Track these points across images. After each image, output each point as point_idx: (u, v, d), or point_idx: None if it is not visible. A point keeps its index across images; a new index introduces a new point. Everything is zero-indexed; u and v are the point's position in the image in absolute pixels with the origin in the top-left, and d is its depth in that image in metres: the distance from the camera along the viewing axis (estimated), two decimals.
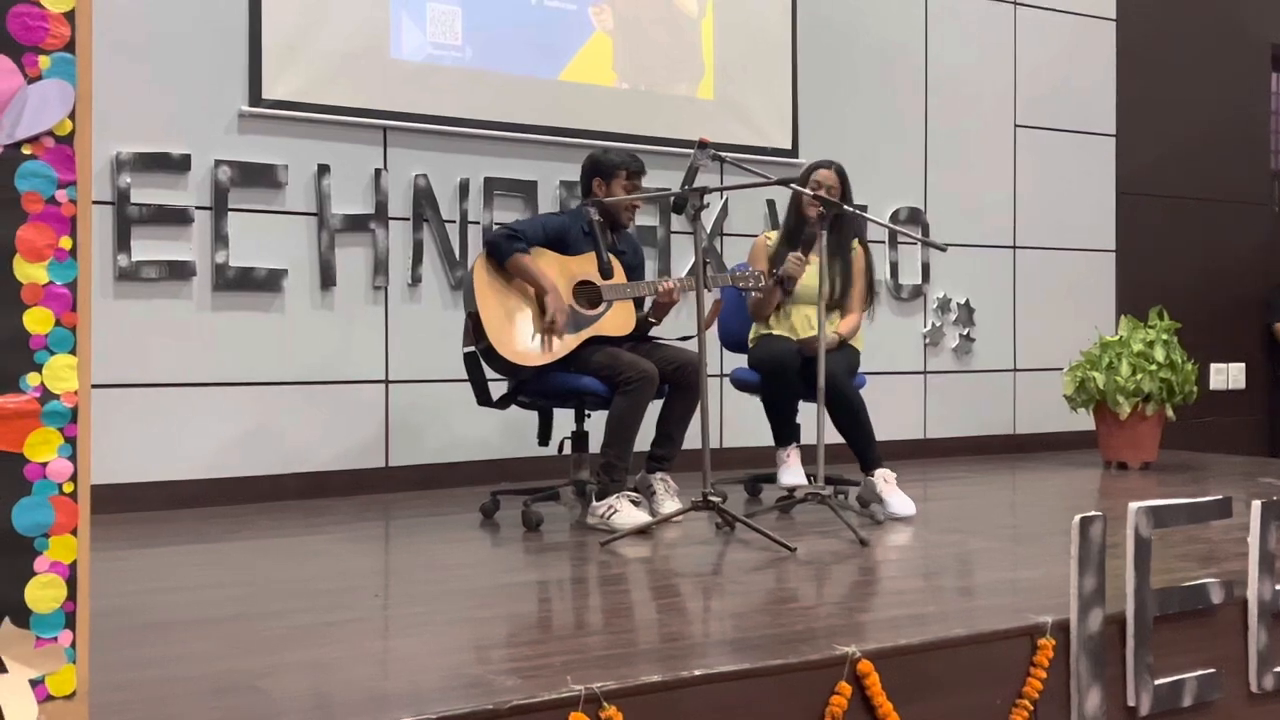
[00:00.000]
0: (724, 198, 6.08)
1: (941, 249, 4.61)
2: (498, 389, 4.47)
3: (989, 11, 6.99)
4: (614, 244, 4.56)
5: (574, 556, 3.85)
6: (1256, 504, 3.12)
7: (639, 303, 4.56)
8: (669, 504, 4.29)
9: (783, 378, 4.51)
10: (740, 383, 4.91)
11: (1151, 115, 7.51)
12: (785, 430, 4.65)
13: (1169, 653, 2.88)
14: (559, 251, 4.40)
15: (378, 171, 5.27)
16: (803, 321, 4.62)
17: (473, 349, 4.36)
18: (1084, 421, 6.43)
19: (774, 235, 4.88)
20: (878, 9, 6.64)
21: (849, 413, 4.48)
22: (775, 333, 4.67)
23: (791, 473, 4.58)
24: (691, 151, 4.04)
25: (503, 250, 4.31)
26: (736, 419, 5.87)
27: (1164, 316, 6.27)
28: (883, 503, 4.43)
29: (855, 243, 4.81)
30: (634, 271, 4.61)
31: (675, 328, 4.81)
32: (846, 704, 2.42)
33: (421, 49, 5.38)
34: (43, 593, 1.83)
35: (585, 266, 4.41)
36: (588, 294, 4.40)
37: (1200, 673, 2.93)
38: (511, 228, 4.41)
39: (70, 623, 1.85)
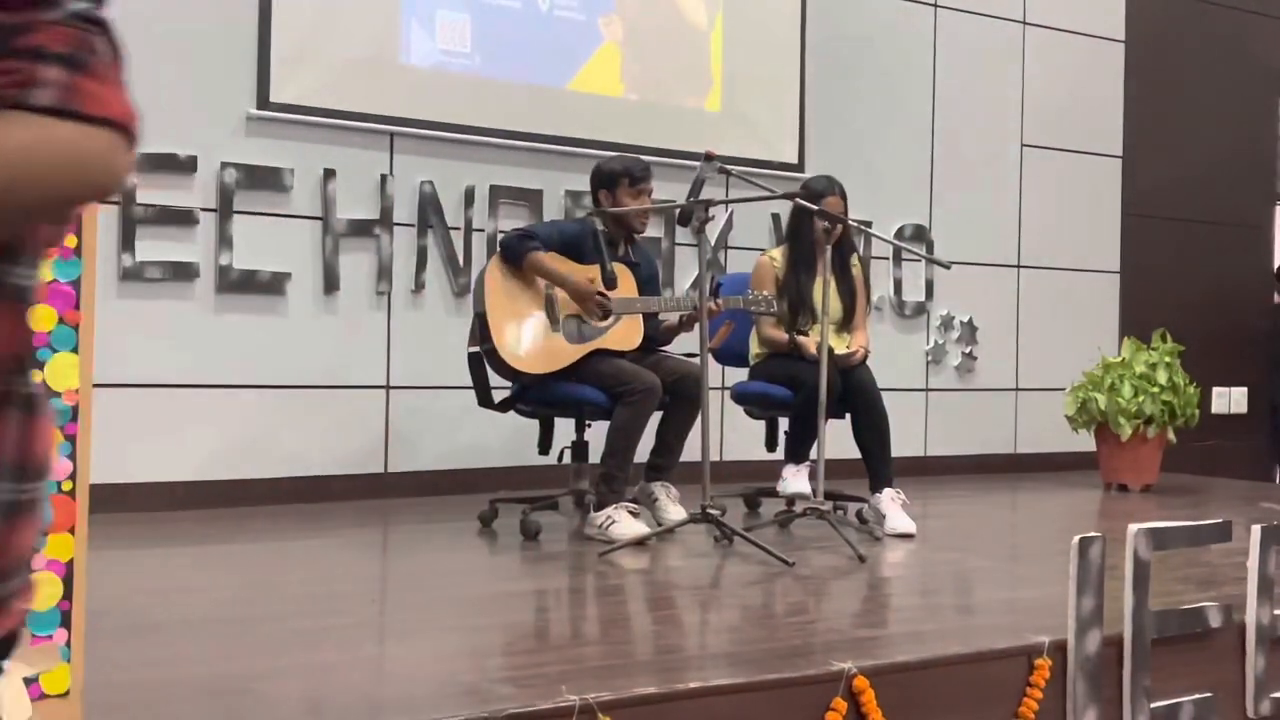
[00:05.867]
0: (729, 211, 6.08)
1: (946, 266, 4.61)
2: (501, 393, 4.46)
3: (998, 30, 7.00)
4: (627, 255, 4.56)
5: (571, 566, 3.85)
6: (1256, 528, 3.12)
7: (649, 315, 4.54)
8: (672, 509, 4.29)
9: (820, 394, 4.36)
10: (751, 396, 4.84)
11: (1158, 138, 7.52)
12: (805, 448, 4.60)
13: (1166, 676, 2.87)
14: (572, 259, 4.39)
15: (383, 177, 5.27)
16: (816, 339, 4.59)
17: (477, 349, 4.35)
18: (1085, 442, 6.42)
19: (777, 254, 4.85)
20: (887, 25, 6.65)
21: (879, 429, 4.48)
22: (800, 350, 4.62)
23: (796, 483, 4.54)
24: (698, 164, 4.04)
25: (517, 249, 4.30)
26: (735, 432, 5.86)
27: (1167, 339, 6.27)
28: (883, 519, 4.42)
29: (855, 258, 4.82)
30: (648, 284, 4.59)
31: (679, 344, 4.79)
32: None
33: (430, 55, 5.39)
34: (38, 591, 1.82)
35: (595, 276, 4.40)
36: (598, 304, 4.39)
37: (1197, 696, 2.93)
38: (526, 230, 4.41)
39: (65, 621, 1.85)
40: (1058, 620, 2.79)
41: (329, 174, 5.14)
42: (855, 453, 4.55)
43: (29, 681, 1.82)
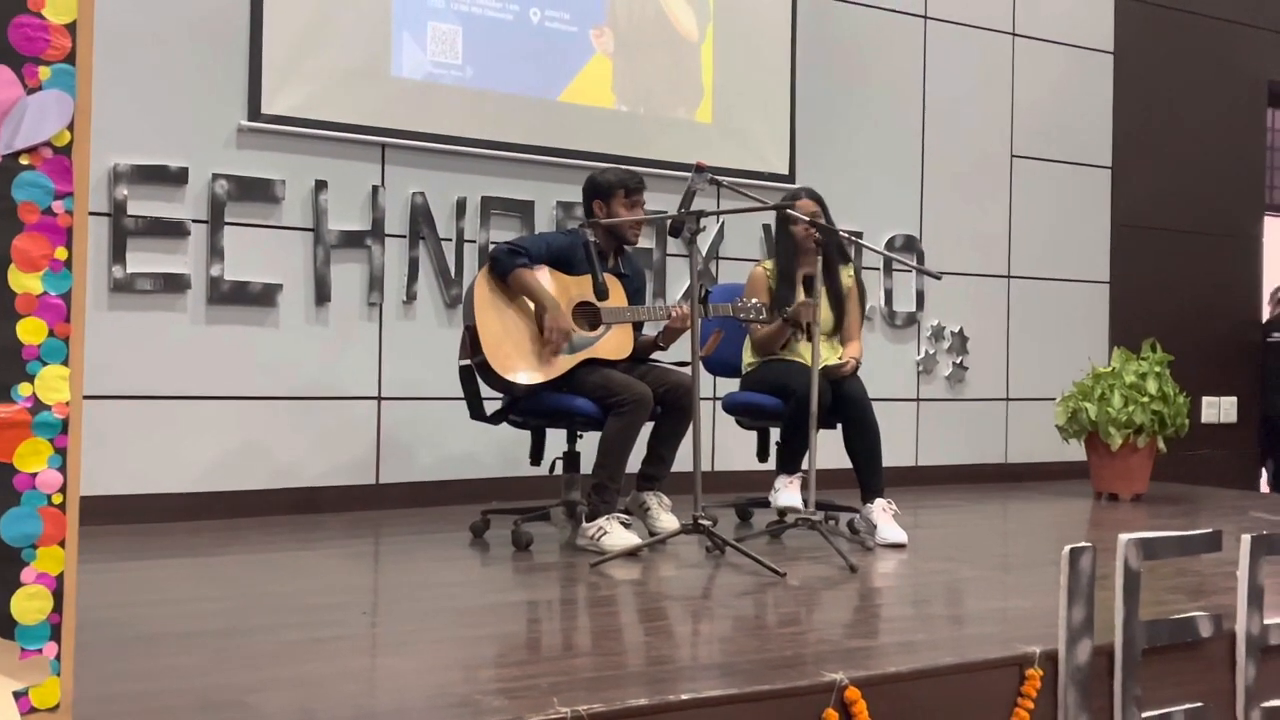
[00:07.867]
0: (720, 222, 6.09)
1: (936, 277, 4.62)
2: (492, 404, 4.46)
3: (988, 42, 7.03)
4: (617, 265, 4.56)
5: (563, 577, 3.84)
6: (1246, 538, 3.13)
7: (639, 326, 4.55)
8: (664, 517, 4.29)
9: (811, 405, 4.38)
10: (742, 407, 4.84)
11: (1147, 148, 7.55)
12: (798, 458, 4.58)
13: (1157, 685, 2.88)
14: (562, 271, 4.40)
15: (375, 188, 5.28)
16: (809, 349, 4.59)
17: (468, 362, 4.35)
18: (1075, 452, 6.43)
19: (770, 264, 4.85)
20: (877, 36, 6.67)
21: (869, 439, 4.48)
22: (788, 359, 4.65)
23: (788, 496, 4.55)
24: (689, 175, 4.05)
25: (505, 265, 4.31)
26: (725, 442, 5.87)
27: (1157, 349, 6.29)
28: (874, 529, 4.42)
29: (849, 269, 4.82)
30: (635, 294, 4.60)
31: (671, 353, 4.80)
32: None
33: (421, 67, 5.39)
34: (28, 604, 1.82)
35: (585, 288, 4.41)
36: (587, 315, 4.40)
37: (1188, 706, 2.93)
38: (515, 243, 4.40)
39: (55, 635, 1.85)
40: (1049, 630, 2.79)
41: (320, 185, 5.15)
42: (846, 463, 4.56)
43: (18, 695, 1.82)
